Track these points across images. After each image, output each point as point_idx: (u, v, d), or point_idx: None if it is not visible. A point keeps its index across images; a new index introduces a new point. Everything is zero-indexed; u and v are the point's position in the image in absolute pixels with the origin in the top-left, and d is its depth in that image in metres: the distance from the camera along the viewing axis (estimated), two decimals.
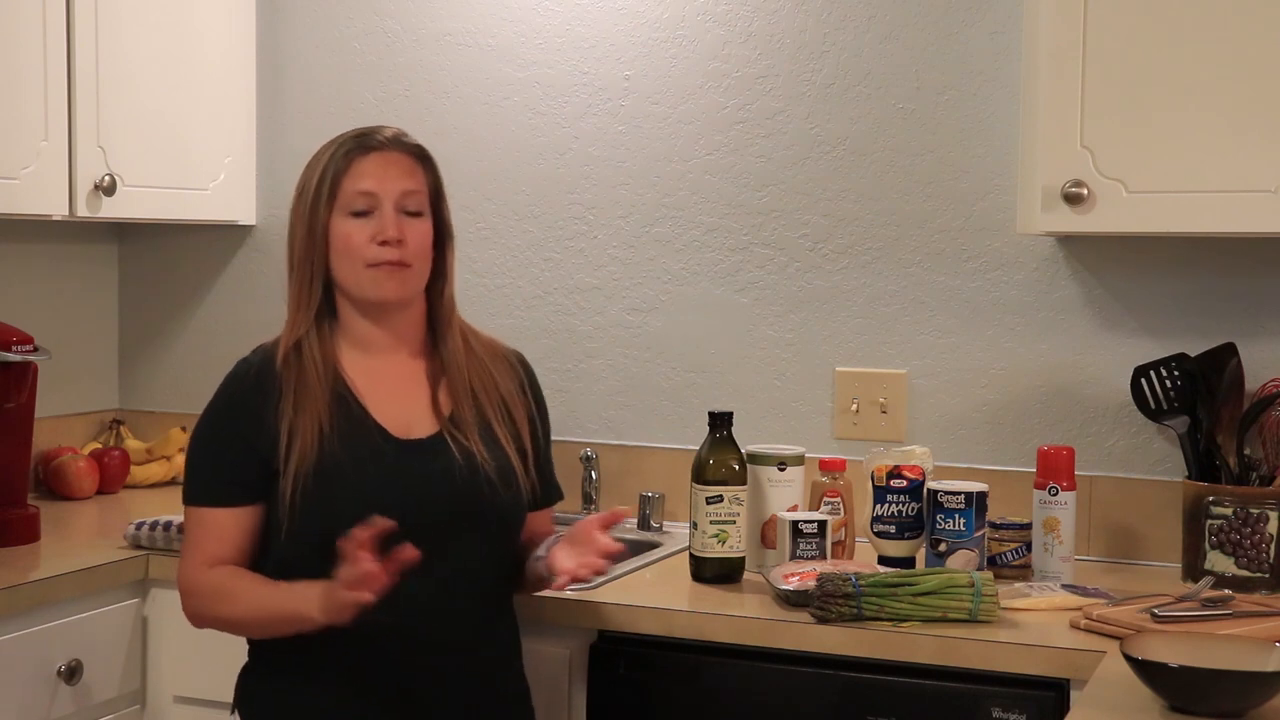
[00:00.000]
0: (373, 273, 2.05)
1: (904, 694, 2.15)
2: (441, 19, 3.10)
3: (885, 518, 2.51)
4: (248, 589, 2.03)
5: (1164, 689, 1.76)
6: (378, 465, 2.04)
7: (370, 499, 1.99)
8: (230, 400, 2.09)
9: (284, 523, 2.02)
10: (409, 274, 2.08)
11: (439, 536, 2.02)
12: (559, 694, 2.32)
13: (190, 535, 2.10)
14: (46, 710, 2.39)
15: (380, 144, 2.08)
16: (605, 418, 3.00)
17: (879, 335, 2.82)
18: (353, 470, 2.02)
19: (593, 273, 3.01)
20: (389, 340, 2.12)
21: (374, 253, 2.05)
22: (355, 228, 2.05)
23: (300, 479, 2.00)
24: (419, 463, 2.06)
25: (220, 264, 3.31)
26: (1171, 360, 2.55)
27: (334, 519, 1.96)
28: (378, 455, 2.05)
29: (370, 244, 2.05)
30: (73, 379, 3.24)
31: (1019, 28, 2.63)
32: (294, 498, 2.00)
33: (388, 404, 2.09)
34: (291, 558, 2.03)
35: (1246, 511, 2.41)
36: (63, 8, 2.71)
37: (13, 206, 2.65)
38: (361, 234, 2.05)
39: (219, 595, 2.05)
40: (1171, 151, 2.31)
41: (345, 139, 2.10)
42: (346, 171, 2.05)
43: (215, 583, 2.05)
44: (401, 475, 2.05)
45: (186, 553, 2.09)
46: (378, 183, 2.06)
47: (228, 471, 2.06)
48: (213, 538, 2.06)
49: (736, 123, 2.89)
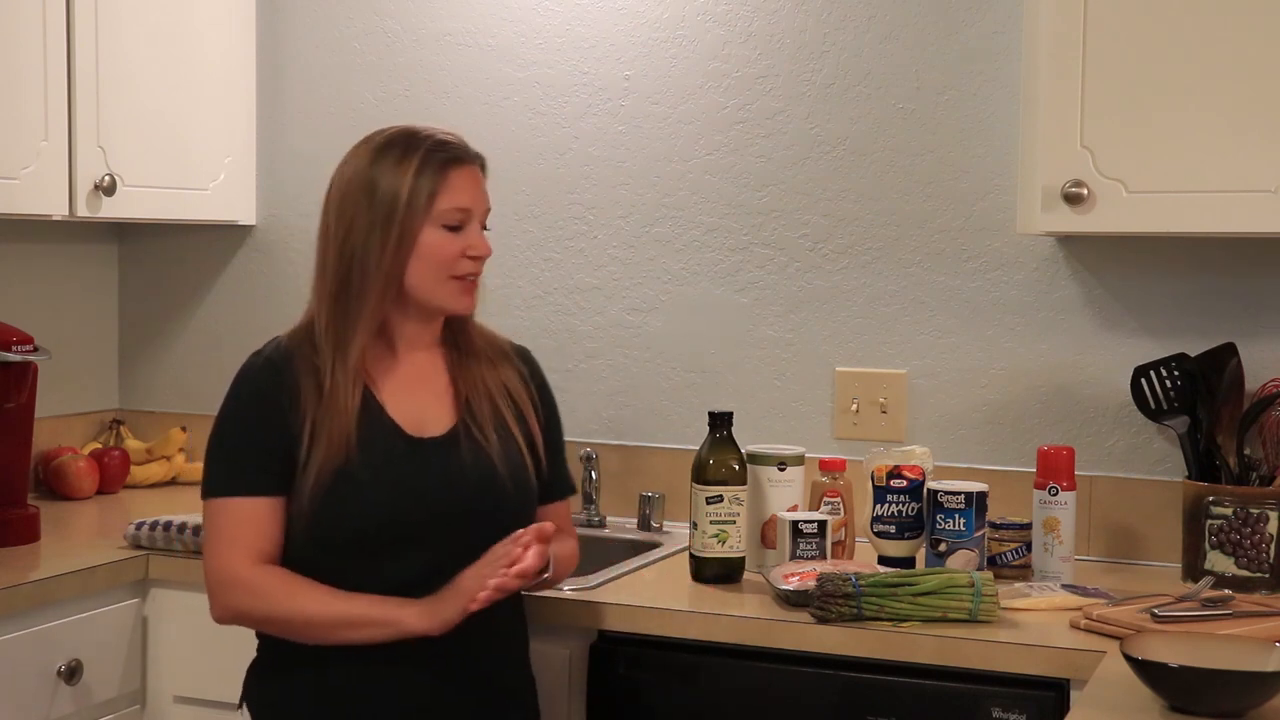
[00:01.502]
0: (455, 285, 2.09)
1: (904, 694, 2.15)
2: (441, 19, 3.10)
3: (885, 518, 2.51)
4: (313, 588, 2.01)
5: (1164, 689, 1.76)
6: (390, 465, 2.05)
7: (382, 500, 2.01)
8: (251, 391, 2.07)
9: (302, 520, 2.02)
10: (479, 286, 2.13)
11: (454, 534, 2.04)
12: (559, 694, 2.32)
13: (223, 529, 2.04)
14: (46, 710, 2.39)
15: (468, 157, 2.10)
16: (605, 418, 3.00)
17: (879, 335, 2.82)
18: (365, 470, 2.02)
19: (593, 273, 3.01)
20: (414, 339, 2.13)
21: (463, 266, 2.08)
22: (446, 240, 2.06)
23: (321, 476, 2.01)
24: (433, 461, 2.07)
25: (220, 264, 3.31)
26: (1171, 360, 2.55)
27: (346, 515, 2.00)
28: (391, 455, 2.05)
29: (460, 258, 2.07)
30: (73, 379, 3.24)
31: (1019, 28, 2.63)
32: (314, 495, 2.01)
33: (405, 401, 2.10)
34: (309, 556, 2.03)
35: (1246, 511, 2.41)
36: (63, 8, 2.71)
37: (13, 206, 2.65)
38: (453, 247, 2.07)
39: (273, 591, 2.02)
40: (1171, 151, 2.31)
41: (428, 145, 2.06)
42: (444, 185, 2.05)
43: (268, 578, 2.02)
44: (414, 475, 2.05)
45: (222, 546, 2.04)
46: (472, 200, 2.09)
47: (261, 459, 2.04)
48: (250, 529, 2.03)
49: (736, 123, 2.90)
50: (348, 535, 2.02)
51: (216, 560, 2.05)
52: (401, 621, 1.99)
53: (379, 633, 2.00)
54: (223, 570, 2.04)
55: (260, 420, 2.04)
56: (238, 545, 2.03)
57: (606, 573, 2.46)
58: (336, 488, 2.01)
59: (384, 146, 2.07)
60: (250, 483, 2.04)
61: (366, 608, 2.00)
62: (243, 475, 2.04)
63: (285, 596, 2.02)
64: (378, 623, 1.99)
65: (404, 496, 2.03)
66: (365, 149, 2.09)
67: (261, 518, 2.03)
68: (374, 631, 2.00)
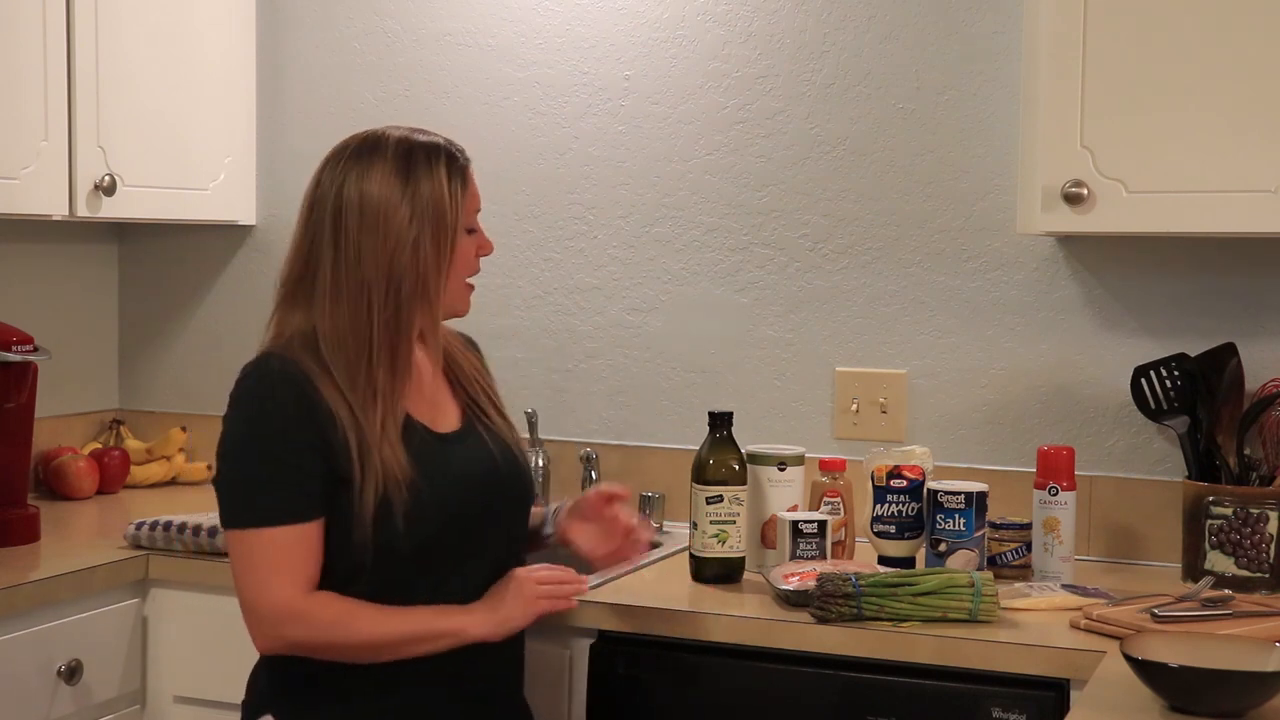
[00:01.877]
0: (468, 287, 2.11)
1: (904, 694, 2.15)
2: (441, 19, 3.10)
3: (885, 518, 2.51)
4: (368, 609, 1.98)
5: (1164, 689, 1.76)
6: (434, 463, 2.03)
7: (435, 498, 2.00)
8: (279, 405, 1.96)
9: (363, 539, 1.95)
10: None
11: (481, 526, 2.06)
12: (559, 694, 2.32)
13: (266, 559, 1.95)
14: (46, 710, 2.39)
15: (465, 156, 2.10)
16: (605, 418, 3.00)
17: (879, 335, 2.82)
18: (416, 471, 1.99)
19: (593, 273, 3.01)
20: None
21: (476, 267, 2.11)
22: (469, 244, 2.08)
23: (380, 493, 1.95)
24: (465, 455, 2.08)
25: (220, 264, 3.31)
26: (1171, 360, 2.55)
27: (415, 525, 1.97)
28: (428, 453, 2.03)
29: (475, 259, 2.10)
30: (73, 379, 3.24)
31: (1019, 28, 2.63)
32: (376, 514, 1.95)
33: (418, 402, 2.08)
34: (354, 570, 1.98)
35: (1246, 511, 2.41)
36: (63, 8, 2.71)
37: (13, 206, 2.65)
38: (472, 249, 2.09)
39: (332, 619, 1.96)
40: (1171, 151, 2.31)
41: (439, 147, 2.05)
42: (466, 190, 2.06)
43: (324, 607, 1.96)
44: (456, 469, 2.05)
45: (266, 575, 1.95)
46: (480, 200, 2.12)
47: (307, 482, 1.95)
48: (297, 557, 1.95)
49: (736, 123, 2.90)
50: (415, 543, 1.98)
51: (264, 593, 1.95)
52: (464, 630, 2.00)
53: (443, 644, 2.00)
54: (274, 604, 1.95)
55: (296, 441, 1.95)
56: (283, 574, 1.95)
57: (606, 573, 2.45)
58: (394, 500, 1.96)
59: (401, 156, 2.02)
60: (294, 510, 1.95)
61: (428, 621, 1.99)
62: (285, 502, 1.95)
63: (344, 623, 1.97)
64: (441, 634, 1.99)
65: (455, 492, 2.03)
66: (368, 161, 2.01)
67: (307, 544, 1.96)
68: (438, 644, 1.99)
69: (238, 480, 1.99)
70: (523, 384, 3.02)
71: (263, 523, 1.95)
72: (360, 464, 1.95)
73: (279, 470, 1.95)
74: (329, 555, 1.98)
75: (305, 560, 1.96)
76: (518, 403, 2.91)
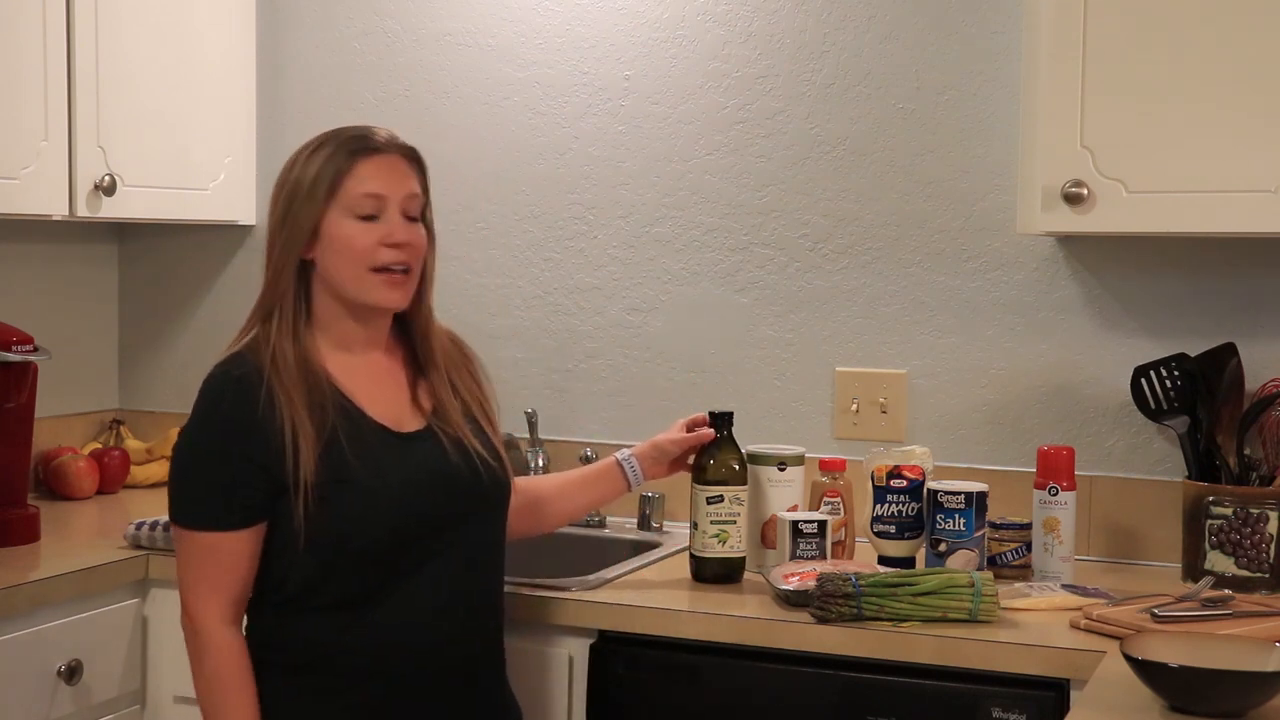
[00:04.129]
0: (378, 278, 2.03)
1: (904, 694, 2.15)
2: (441, 19, 3.10)
3: (885, 518, 2.51)
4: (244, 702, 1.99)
5: (1164, 689, 1.76)
6: (387, 463, 2.02)
7: (386, 498, 1.99)
8: (223, 415, 1.98)
9: (299, 537, 1.96)
10: (411, 280, 2.07)
11: (440, 527, 2.03)
12: (559, 694, 2.32)
13: (198, 564, 1.99)
14: (46, 710, 2.39)
15: (382, 145, 2.05)
16: (605, 418, 3.00)
17: (879, 335, 2.82)
18: (364, 472, 1.99)
19: (593, 273, 3.01)
20: (367, 339, 2.09)
21: (383, 256, 2.02)
22: (360, 230, 2.01)
23: (315, 489, 1.95)
24: (422, 455, 2.05)
25: (220, 264, 3.31)
26: (1171, 360, 2.55)
27: (353, 524, 1.97)
28: (384, 453, 2.03)
29: (377, 247, 2.02)
30: (73, 379, 3.24)
31: (1019, 28, 2.64)
32: (308, 509, 1.95)
33: (377, 401, 2.06)
34: (314, 573, 1.99)
35: (1246, 511, 2.41)
36: (63, 8, 2.71)
37: (13, 206, 2.65)
38: (368, 237, 2.01)
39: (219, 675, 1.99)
40: (1171, 151, 2.31)
41: (342, 137, 2.04)
42: (350, 172, 2.01)
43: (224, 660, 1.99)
44: (410, 469, 2.03)
45: (197, 585, 2.00)
46: (385, 185, 2.03)
47: (239, 491, 1.97)
48: (226, 567, 1.98)
49: (736, 123, 2.90)
50: (353, 544, 1.98)
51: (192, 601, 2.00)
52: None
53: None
54: (191, 609, 2.00)
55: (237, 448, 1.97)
56: (206, 581, 1.99)
57: (607, 573, 2.46)
58: (336, 496, 1.96)
59: (306, 146, 2.06)
60: (232, 517, 1.97)
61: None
62: (222, 509, 1.97)
63: (219, 690, 1.99)
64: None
65: (404, 493, 2.01)
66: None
67: (238, 552, 1.98)
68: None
69: (176, 480, 2.04)
70: (523, 384, 3.02)
71: (192, 525, 1.99)
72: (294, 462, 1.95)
73: (216, 477, 1.98)
74: (283, 569, 2.00)
75: (231, 568, 1.99)
76: (518, 403, 2.92)
